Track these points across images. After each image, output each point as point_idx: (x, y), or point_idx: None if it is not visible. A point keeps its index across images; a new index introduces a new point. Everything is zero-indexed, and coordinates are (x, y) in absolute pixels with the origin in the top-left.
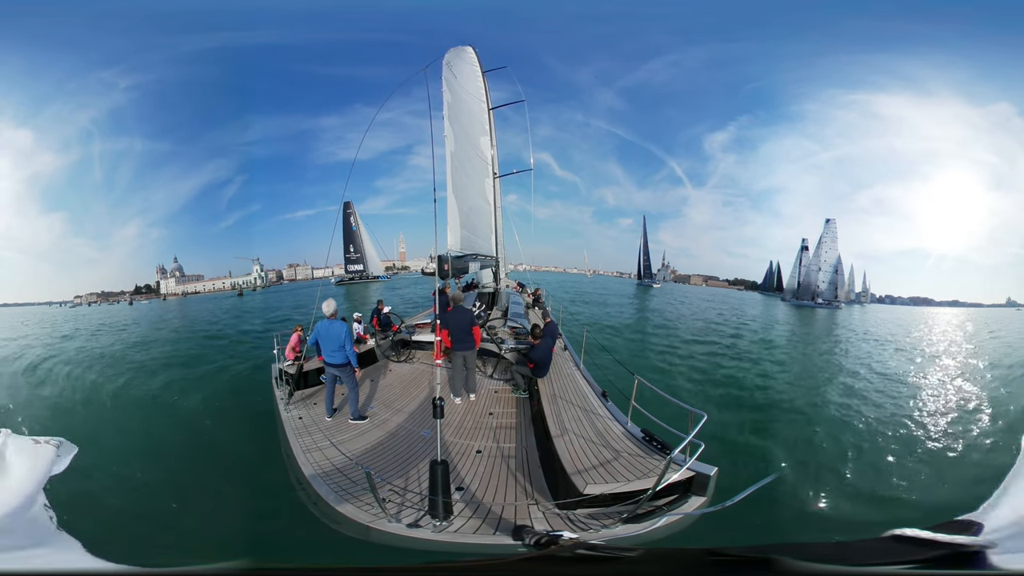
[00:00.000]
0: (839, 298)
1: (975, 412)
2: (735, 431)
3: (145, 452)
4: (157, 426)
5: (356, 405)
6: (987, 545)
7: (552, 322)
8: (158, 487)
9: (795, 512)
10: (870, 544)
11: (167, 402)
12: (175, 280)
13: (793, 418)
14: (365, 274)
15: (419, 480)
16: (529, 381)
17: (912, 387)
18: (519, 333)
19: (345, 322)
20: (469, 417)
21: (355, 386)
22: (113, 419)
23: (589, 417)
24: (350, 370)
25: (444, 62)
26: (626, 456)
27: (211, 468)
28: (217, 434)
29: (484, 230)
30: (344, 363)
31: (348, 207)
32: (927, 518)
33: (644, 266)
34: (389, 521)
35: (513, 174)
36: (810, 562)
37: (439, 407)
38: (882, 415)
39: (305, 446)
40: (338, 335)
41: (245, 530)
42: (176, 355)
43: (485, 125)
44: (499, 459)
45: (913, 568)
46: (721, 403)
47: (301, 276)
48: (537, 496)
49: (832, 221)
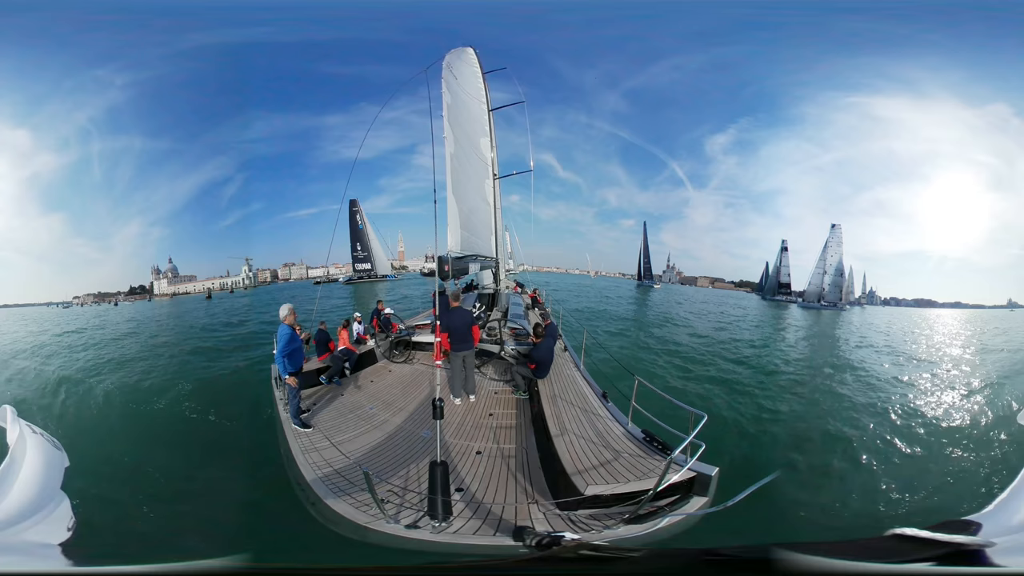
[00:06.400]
0: (843, 300)
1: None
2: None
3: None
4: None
5: (294, 413)
6: (987, 544)
7: (552, 323)
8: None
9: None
10: (870, 543)
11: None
12: (167, 281)
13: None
14: (372, 273)
15: (418, 481)
16: (529, 382)
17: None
18: (519, 334)
19: (291, 327)
20: (469, 418)
21: (293, 395)
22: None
23: (589, 418)
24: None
25: (444, 64)
26: (627, 457)
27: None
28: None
29: (484, 231)
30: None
31: (354, 205)
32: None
33: (645, 268)
34: (387, 522)
35: (513, 175)
36: (810, 561)
37: (439, 408)
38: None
39: (304, 446)
40: (278, 341)
41: (243, 530)
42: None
43: (485, 126)
44: (499, 460)
45: (913, 568)
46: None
47: (296, 275)
48: (537, 497)
49: (838, 227)
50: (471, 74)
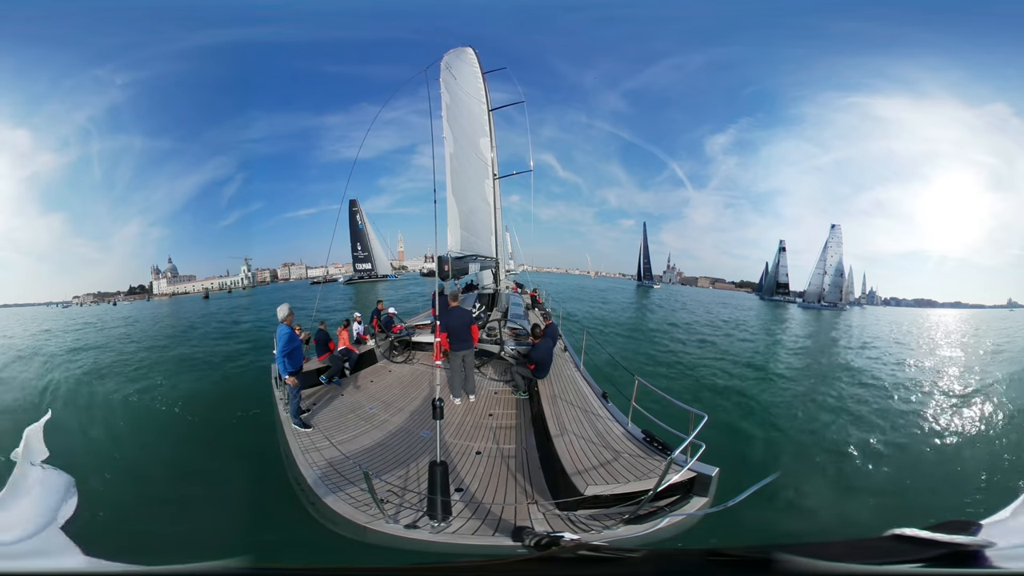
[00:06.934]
0: (843, 300)
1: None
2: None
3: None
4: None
5: (294, 412)
6: (987, 545)
7: (553, 323)
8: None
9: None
10: (871, 543)
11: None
12: (167, 281)
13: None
14: (373, 273)
15: (418, 481)
16: (529, 382)
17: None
18: (519, 334)
19: (291, 327)
20: (469, 418)
21: (293, 395)
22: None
23: (589, 418)
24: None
25: (443, 64)
26: (627, 457)
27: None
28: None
29: (484, 231)
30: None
31: (354, 205)
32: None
33: (644, 268)
34: (387, 522)
35: (513, 175)
36: (810, 562)
37: (439, 408)
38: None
39: (304, 446)
40: (277, 341)
41: (243, 530)
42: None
43: (485, 126)
44: (499, 460)
45: (913, 568)
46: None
47: (295, 275)
48: (537, 497)
49: (838, 227)
50: (471, 74)
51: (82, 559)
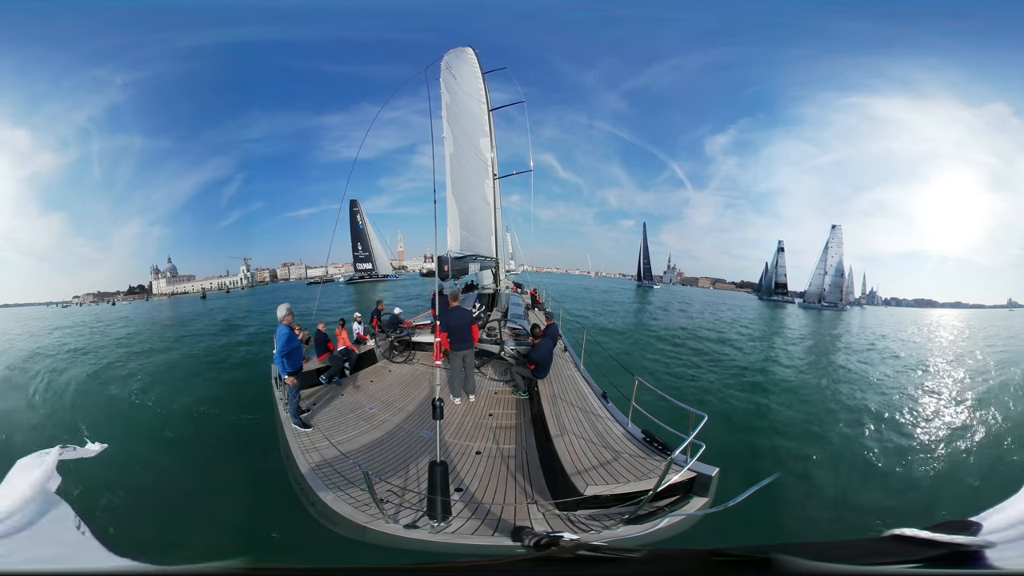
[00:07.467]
0: (843, 300)
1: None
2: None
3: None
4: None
5: (293, 412)
6: (986, 545)
7: (553, 324)
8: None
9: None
10: (870, 544)
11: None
12: (166, 280)
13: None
14: (374, 273)
15: (418, 481)
16: (529, 382)
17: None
18: (519, 334)
19: (290, 327)
20: (469, 418)
21: (292, 395)
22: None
23: (589, 418)
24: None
25: (443, 64)
26: (627, 457)
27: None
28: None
29: (484, 231)
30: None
31: (354, 205)
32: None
33: (644, 268)
34: (387, 522)
35: (513, 175)
36: (811, 562)
37: (439, 408)
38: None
39: (303, 446)
40: (277, 341)
41: (242, 530)
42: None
43: (485, 126)
44: (499, 460)
45: (913, 568)
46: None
47: (295, 275)
48: (537, 497)
49: (838, 227)
50: (471, 74)
51: (81, 558)
